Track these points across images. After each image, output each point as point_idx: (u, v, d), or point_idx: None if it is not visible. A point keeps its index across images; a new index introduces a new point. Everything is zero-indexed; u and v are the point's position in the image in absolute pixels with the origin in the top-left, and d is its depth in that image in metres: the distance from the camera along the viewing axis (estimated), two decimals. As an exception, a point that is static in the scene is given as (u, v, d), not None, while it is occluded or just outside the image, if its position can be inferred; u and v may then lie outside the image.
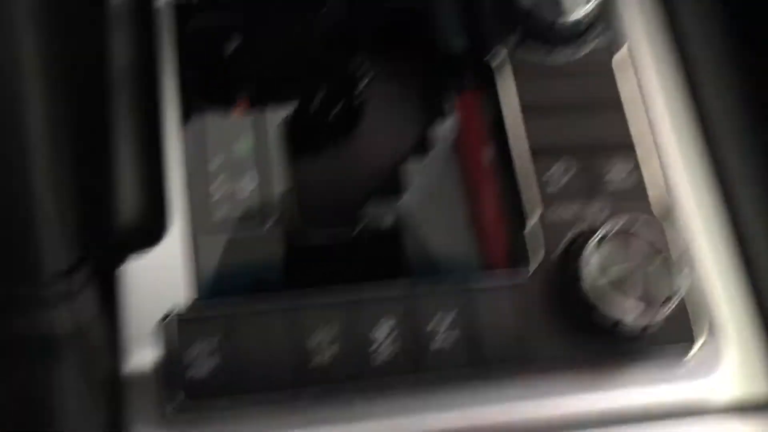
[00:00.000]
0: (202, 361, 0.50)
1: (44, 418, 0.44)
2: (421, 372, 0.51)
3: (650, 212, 0.56)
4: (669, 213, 0.57)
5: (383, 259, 0.58)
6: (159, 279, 0.53)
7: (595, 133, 0.58)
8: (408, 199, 0.59)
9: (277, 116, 0.60)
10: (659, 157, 0.59)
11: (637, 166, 0.57)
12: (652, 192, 0.57)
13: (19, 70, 0.43)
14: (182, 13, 0.60)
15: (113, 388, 0.50)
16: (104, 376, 0.50)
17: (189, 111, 0.59)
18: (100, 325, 0.50)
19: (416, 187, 0.59)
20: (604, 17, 0.60)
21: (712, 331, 0.55)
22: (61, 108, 0.47)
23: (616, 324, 0.51)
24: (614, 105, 0.59)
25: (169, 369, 0.50)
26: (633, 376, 0.54)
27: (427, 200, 0.60)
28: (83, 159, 0.52)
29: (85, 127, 0.55)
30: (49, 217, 0.44)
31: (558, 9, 0.57)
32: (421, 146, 0.61)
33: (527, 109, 0.58)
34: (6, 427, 0.45)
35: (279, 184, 0.58)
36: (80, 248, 0.47)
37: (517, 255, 0.56)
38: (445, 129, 0.61)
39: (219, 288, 0.55)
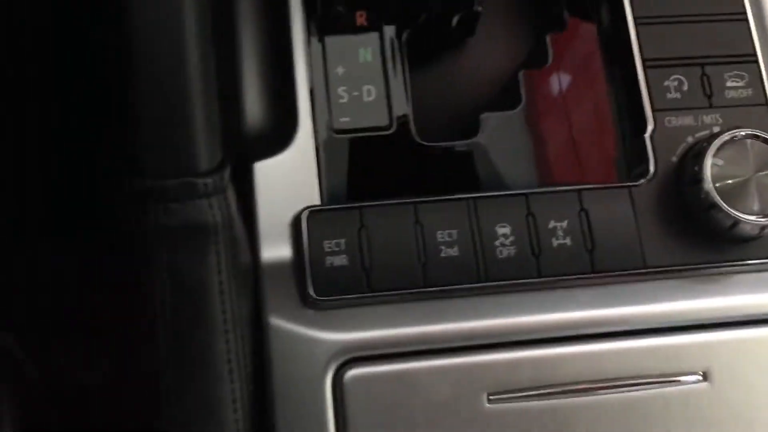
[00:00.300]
0: (332, 258, 0.54)
1: (202, 297, 0.49)
2: (541, 271, 0.54)
3: (771, 120, 0.57)
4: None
5: (499, 167, 0.60)
6: (290, 180, 0.57)
7: (716, 44, 0.58)
8: (522, 110, 0.61)
9: (397, 26, 0.61)
10: None
11: (758, 76, 0.58)
12: (773, 100, 0.58)
13: None
14: None
15: (254, 277, 0.54)
16: (246, 266, 0.54)
17: (314, 22, 0.61)
18: (240, 219, 0.53)
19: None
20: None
21: None
22: (206, 17, 0.49)
23: (734, 225, 0.52)
24: (737, 15, 0.59)
25: (301, 265, 0.54)
26: (745, 280, 0.56)
27: (539, 113, 0.62)
28: (219, 66, 0.55)
29: (217, 34, 0.58)
30: (203, 118, 0.48)
31: None
32: (537, 57, 0.63)
33: (643, 20, 0.59)
34: (165, 310, 0.49)
35: (401, 91, 0.60)
36: (224, 149, 0.51)
37: (634, 162, 0.58)
38: (560, 39, 0.62)
39: (345, 189, 0.58)
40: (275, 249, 0.55)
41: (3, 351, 0.81)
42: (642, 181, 0.56)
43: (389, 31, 0.62)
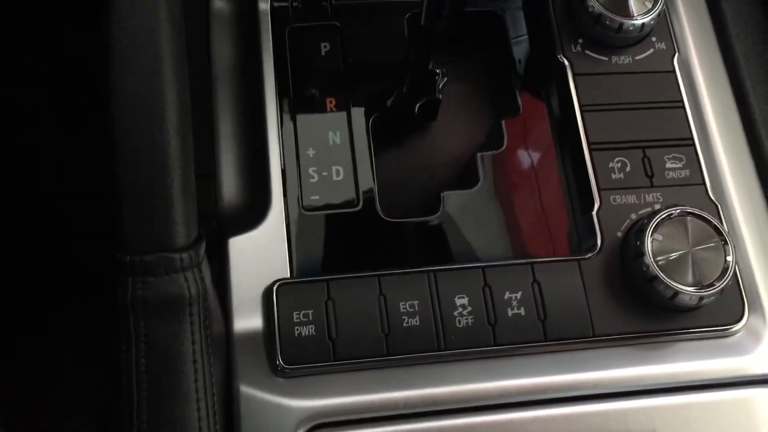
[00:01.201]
0: (300, 328, 0.57)
1: (176, 366, 0.51)
2: (497, 340, 0.57)
3: (706, 198, 0.62)
4: (721, 200, 0.63)
5: (458, 241, 0.64)
6: (262, 254, 0.60)
7: (656, 128, 0.64)
8: (480, 189, 0.66)
9: (365, 110, 0.66)
10: (710, 150, 0.64)
11: (694, 158, 0.63)
12: (707, 180, 0.63)
13: (161, 68, 0.50)
14: (281, 17, 0.67)
15: (226, 346, 0.57)
16: (219, 335, 0.57)
17: (286, 105, 0.66)
18: (214, 291, 0.57)
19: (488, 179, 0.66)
20: (665, 24, 0.66)
21: (758, 308, 0.61)
22: (186, 99, 0.54)
23: (674, 296, 0.56)
24: (675, 102, 0.65)
25: (271, 335, 0.57)
26: (686, 348, 0.59)
27: (495, 191, 0.66)
28: (196, 146, 0.59)
29: (196, 116, 0.62)
30: (181, 198, 0.51)
31: (625, 14, 0.63)
32: (493, 140, 0.68)
33: (590, 107, 0.64)
34: (141, 381, 0.52)
35: (367, 171, 0.65)
36: (200, 225, 0.55)
37: (582, 237, 0.62)
38: (514, 124, 0.68)
39: (313, 263, 0.62)
40: (247, 320, 0.58)
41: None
42: (590, 254, 0.60)
43: (357, 114, 0.67)
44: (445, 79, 0.67)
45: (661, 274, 0.57)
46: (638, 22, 0.63)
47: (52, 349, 0.92)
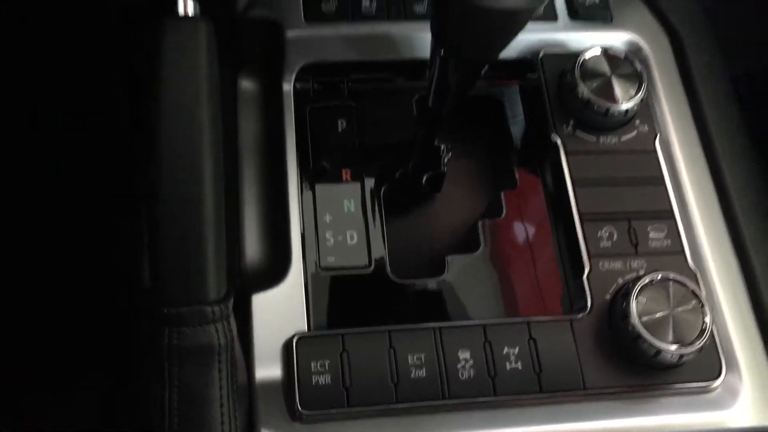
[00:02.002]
0: (318, 377, 0.63)
1: (205, 408, 0.56)
2: (497, 391, 0.63)
3: (686, 265, 0.68)
4: (700, 266, 0.69)
5: (461, 300, 0.70)
6: (282, 310, 0.66)
7: (640, 201, 0.70)
8: (482, 253, 0.72)
9: (376, 181, 0.73)
10: (689, 222, 0.71)
11: (675, 228, 0.70)
12: (687, 249, 0.69)
13: (201, 143, 0.57)
14: (302, 97, 0.74)
15: (249, 393, 0.63)
16: (243, 383, 0.62)
17: (306, 175, 0.73)
18: (239, 342, 0.62)
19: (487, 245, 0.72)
20: (647, 108, 0.73)
21: (735, 366, 0.66)
22: (220, 169, 0.60)
23: (657, 353, 0.62)
24: (657, 179, 0.72)
25: (290, 383, 0.62)
26: (669, 402, 0.65)
27: (495, 256, 0.73)
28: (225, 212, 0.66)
29: (225, 185, 0.69)
30: (214, 256, 0.57)
31: (611, 99, 0.71)
32: (493, 209, 0.75)
33: (581, 182, 0.71)
34: (173, 421, 0.57)
35: (378, 236, 0.71)
36: (228, 282, 0.61)
37: (574, 298, 0.68)
38: (512, 195, 0.74)
39: (329, 318, 0.68)
40: (268, 369, 0.64)
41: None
42: (581, 315, 0.66)
43: (369, 184, 0.74)
44: (450, 154, 0.74)
45: (645, 333, 0.62)
46: (623, 107, 0.71)
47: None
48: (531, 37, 0.76)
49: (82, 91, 1.02)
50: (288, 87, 0.73)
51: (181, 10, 0.59)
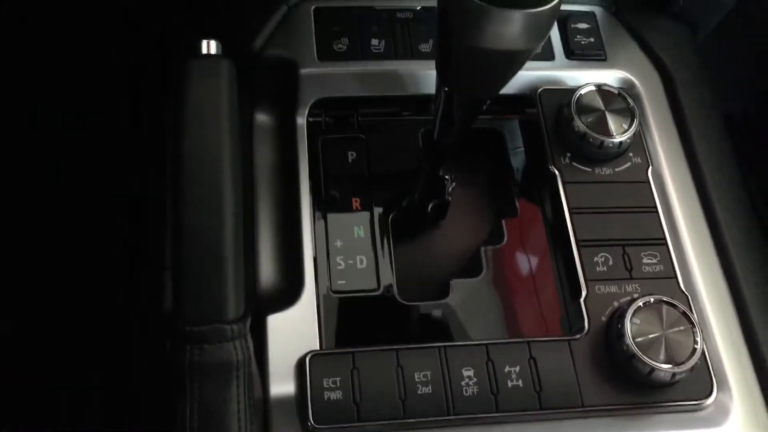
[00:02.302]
0: (329, 393, 0.66)
1: (224, 422, 0.60)
2: (499, 407, 0.66)
3: (678, 289, 0.72)
4: (691, 290, 0.72)
5: (465, 322, 0.74)
6: (295, 330, 0.69)
7: (634, 229, 0.74)
8: (484, 278, 0.76)
9: (385, 209, 0.78)
10: (681, 248, 0.75)
11: (667, 254, 0.74)
12: (678, 274, 0.73)
13: (222, 175, 0.61)
14: (315, 130, 0.79)
15: (263, 408, 0.66)
16: (258, 399, 0.65)
17: (318, 203, 0.77)
18: (254, 360, 0.66)
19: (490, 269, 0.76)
20: (640, 141, 0.78)
21: (725, 386, 0.70)
22: (240, 199, 0.64)
23: (651, 372, 0.66)
24: (649, 207, 0.76)
25: (303, 398, 0.66)
26: (663, 420, 0.68)
27: (497, 280, 0.76)
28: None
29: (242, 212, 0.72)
30: (233, 278, 0.61)
31: (605, 133, 0.75)
32: (495, 236, 0.79)
33: (577, 210, 0.75)
34: (193, 428, 0.60)
35: (387, 260, 0.75)
36: (245, 303, 0.64)
37: (572, 320, 0.72)
38: (513, 223, 0.79)
39: (340, 338, 0.71)
40: (281, 385, 0.67)
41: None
42: (579, 335, 0.70)
43: (378, 212, 0.78)
44: (454, 184, 0.78)
45: (639, 353, 0.66)
46: (617, 140, 0.75)
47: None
48: (530, 74, 0.80)
49: (82, 91, 1.06)
50: (301, 120, 0.78)
51: (204, 50, 0.63)
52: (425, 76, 0.79)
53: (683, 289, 0.72)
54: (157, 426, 0.64)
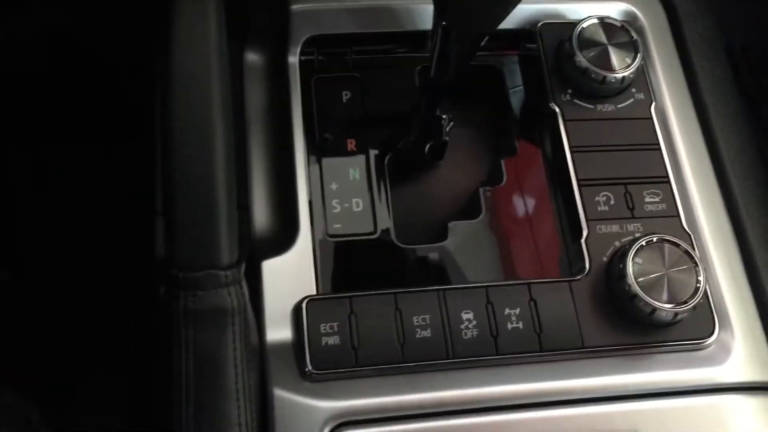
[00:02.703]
0: (327, 338, 0.65)
1: (220, 368, 0.59)
2: (499, 350, 0.65)
3: (681, 228, 0.71)
4: (694, 229, 0.71)
5: (463, 264, 0.73)
6: (291, 275, 0.68)
7: (636, 167, 0.73)
8: (483, 219, 0.74)
9: (381, 151, 0.75)
10: (684, 186, 0.73)
11: (670, 193, 0.72)
12: (681, 212, 0.71)
13: (213, 113, 0.59)
14: (307, 69, 0.76)
15: (261, 355, 0.65)
16: (255, 345, 0.65)
17: (312, 145, 0.75)
18: (250, 306, 0.65)
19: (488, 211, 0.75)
20: (643, 76, 0.75)
21: (727, 325, 0.69)
22: (230, 140, 0.62)
23: (652, 312, 0.65)
24: (652, 145, 0.74)
25: (300, 344, 0.65)
26: (665, 359, 0.67)
27: (496, 222, 0.75)
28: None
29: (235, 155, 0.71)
30: (226, 223, 0.59)
31: (608, 68, 0.73)
32: (494, 176, 0.77)
33: (578, 149, 0.73)
34: (189, 380, 0.59)
35: (383, 203, 0.73)
36: (240, 248, 0.63)
37: (573, 261, 0.71)
38: (512, 163, 0.77)
39: (337, 283, 0.70)
40: (278, 331, 0.66)
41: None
42: (580, 276, 0.69)
43: (374, 153, 0.76)
44: (451, 123, 0.75)
45: (641, 293, 0.65)
46: (619, 75, 0.73)
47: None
48: (529, 7, 0.77)
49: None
50: (293, 59, 0.75)
51: None
52: (421, 11, 0.76)
53: (686, 228, 0.71)
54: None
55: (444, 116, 0.75)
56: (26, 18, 0.98)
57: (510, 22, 0.71)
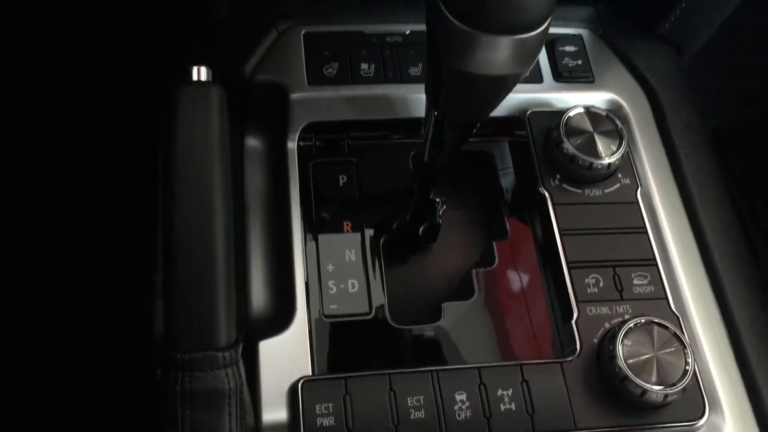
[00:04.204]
0: (322, 419, 0.66)
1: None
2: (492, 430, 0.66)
3: (669, 310, 0.72)
4: (682, 311, 0.73)
5: (457, 345, 0.74)
6: (288, 355, 0.69)
7: (624, 250, 0.75)
8: (476, 300, 0.76)
9: (376, 232, 0.78)
10: (671, 269, 0.75)
11: (657, 275, 0.74)
12: (669, 295, 0.73)
13: (214, 199, 0.61)
14: (306, 154, 0.79)
15: (256, 434, 0.66)
16: (251, 426, 0.65)
17: (309, 227, 0.77)
18: (247, 387, 0.65)
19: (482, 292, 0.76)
20: (628, 162, 0.78)
21: (717, 406, 0.70)
22: (230, 225, 0.64)
23: (643, 393, 0.66)
24: (639, 228, 0.76)
25: (296, 425, 0.66)
26: (655, 441, 0.68)
27: (488, 303, 0.76)
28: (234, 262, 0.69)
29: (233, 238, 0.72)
30: (224, 305, 0.61)
31: (594, 155, 0.76)
32: (486, 258, 0.79)
33: (568, 232, 0.75)
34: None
35: (378, 284, 0.75)
36: (237, 329, 0.64)
37: (564, 342, 0.72)
38: (504, 245, 0.79)
39: (333, 363, 0.71)
40: (274, 411, 0.67)
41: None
42: (571, 357, 0.70)
43: (369, 235, 0.78)
44: (444, 206, 0.79)
45: (631, 375, 0.66)
46: (605, 161, 0.76)
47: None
48: (519, 96, 0.81)
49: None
50: (292, 145, 0.78)
51: (195, 76, 0.64)
52: (415, 100, 0.80)
53: (674, 310, 0.73)
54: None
55: (437, 200, 0.78)
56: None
57: (500, 110, 0.74)
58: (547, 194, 0.76)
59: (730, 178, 0.85)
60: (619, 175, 0.78)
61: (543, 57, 0.84)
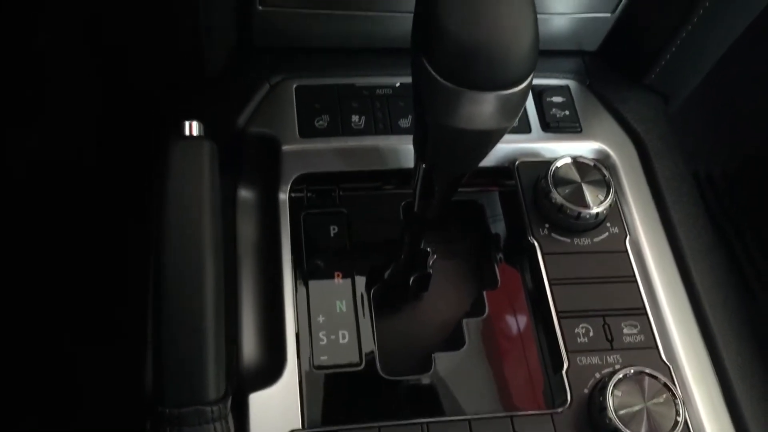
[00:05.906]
0: None
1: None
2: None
3: (659, 359, 0.72)
4: (672, 361, 0.73)
5: (447, 396, 0.74)
6: (278, 407, 0.69)
7: (614, 299, 0.75)
8: (467, 350, 0.76)
9: (367, 282, 0.78)
10: (661, 318, 0.75)
11: (647, 324, 0.74)
12: (659, 344, 0.73)
13: (203, 254, 0.61)
14: (297, 205, 0.80)
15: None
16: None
17: (300, 278, 0.77)
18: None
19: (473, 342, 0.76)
20: (616, 211, 0.79)
21: None
22: (221, 279, 0.65)
23: (634, 446, 0.65)
24: (628, 277, 0.77)
25: None
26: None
27: (479, 353, 0.76)
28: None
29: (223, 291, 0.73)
30: (214, 359, 0.61)
31: (582, 204, 0.76)
32: (476, 308, 0.79)
33: (557, 281, 0.76)
34: None
35: (369, 335, 0.75)
36: (227, 381, 0.64)
37: (555, 392, 0.72)
38: (494, 294, 0.79)
39: (323, 415, 0.71)
40: None
41: None
42: (561, 408, 0.70)
43: (360, 285, 0.78)
44: (435, 256, 0.79)
45: (621, 426, 0.66)
46: (594, 211, 0.76)
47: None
48: (507, 147, 0.82)
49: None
50: (284, 196, 0.79)
51: (186, 131, 0.65)
52: (405, 151, 0.81)
53: (664, 359, 0.73)
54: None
55: (428, 249, 0.79)
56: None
57: (490, 160, 0.75)
58: (536, 243, 0.77)
59: (725, 220, 0.85)
60: (608, 224, 0.79)
61: (531, 107, 0.86)
